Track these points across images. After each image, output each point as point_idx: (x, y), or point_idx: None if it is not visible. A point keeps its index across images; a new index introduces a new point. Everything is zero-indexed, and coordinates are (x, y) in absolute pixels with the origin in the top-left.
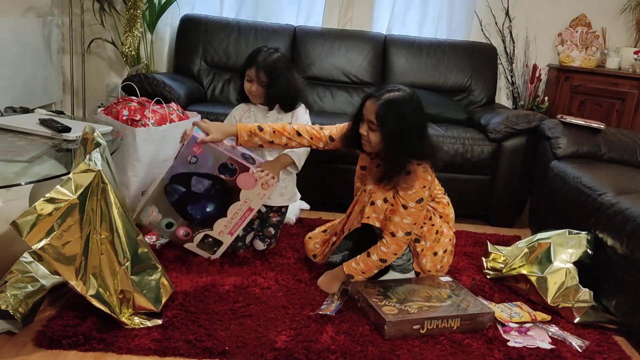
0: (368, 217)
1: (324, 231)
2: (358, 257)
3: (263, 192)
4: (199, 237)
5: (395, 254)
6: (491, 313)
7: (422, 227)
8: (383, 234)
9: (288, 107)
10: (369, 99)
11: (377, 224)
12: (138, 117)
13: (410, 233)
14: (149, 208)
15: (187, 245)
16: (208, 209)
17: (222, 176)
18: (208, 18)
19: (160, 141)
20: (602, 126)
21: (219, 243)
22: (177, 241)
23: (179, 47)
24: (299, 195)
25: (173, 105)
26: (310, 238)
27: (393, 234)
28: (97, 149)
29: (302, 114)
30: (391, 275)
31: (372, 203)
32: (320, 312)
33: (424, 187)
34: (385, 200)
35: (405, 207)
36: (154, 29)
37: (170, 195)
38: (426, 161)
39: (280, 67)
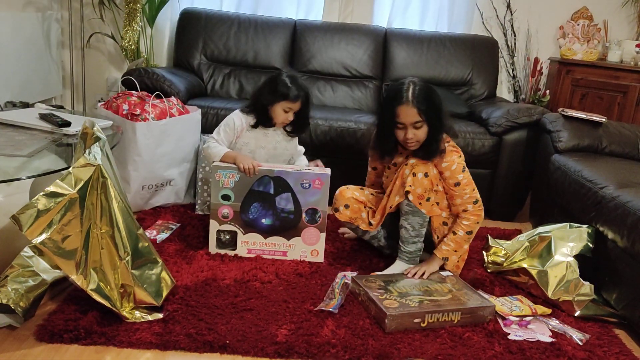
0: (411, 186)
1: (362, 188)
2: (445, 239)
3: (307, 254)
4: (227, 227)
5: (478, 222)
6: (492, 307)
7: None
8: (459, 213)
9: (299, 131)
10: (400, 106)
11: (411, 197)
12: (138, 111)
13: (477, 201)
14: (235, 172)
15: (212, 223)
16: (263, 221)
17: (304, 215)
18: (208, 12)
19: (160, 135)
20: (604, 119)
21: (231, 247)
22: (213, 213)
23: (178, 41)
24: None
25: (173, 99)
26: (348, 188)
27: (465, 210)
28: (97, 143)
29: (300, 147)
30: (397, 265)
31: (414, 175)
32: (323, 308)
33: (460, 156)
34: (426, 175)
35: (457, 184)
36: (154, 23)
37: (259, 184)
38: (450, 132)
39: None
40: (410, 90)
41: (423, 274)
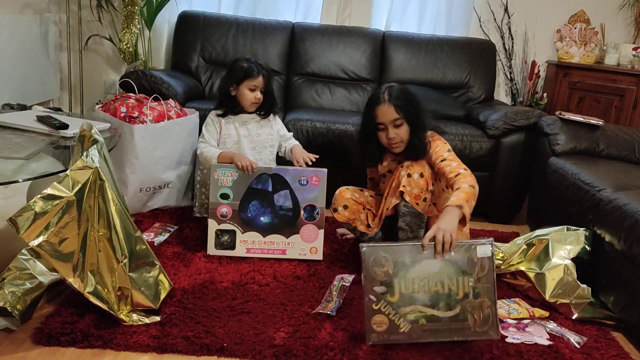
0: (404, 186)
1: (361, 189)
2: (453, 195)
3: (306, 252)
4: (226, 226)
5: (474, 187)
6: (494, 340)
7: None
8: (452, 178)
9: (270, 110)
10: (378, 106)
11: (407, 198)
12: (136, 114)
13: (467, 169)
14: (233, 171)
15: (211, 222)
16: (262, 219)
17: (303, 212)
18: (206, 14)
19: (158, 138)
20: (601, 122)
21: (230, 248)
22: (211, 212)
23: (176, 44)
24: None
25: (171, 102)
26: (347, 189)
27: (459, 174)
28: (95, 145)
29: (280, 121)
30: None
31: (409, 175)
32: (320, 311)
33: (445, 142)
34: (421, 175)
35: (444, 160)
36: (152, 25)
37: (258, 182)
38: (438, 131)
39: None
40: (387, 92)
41: (450, 242)
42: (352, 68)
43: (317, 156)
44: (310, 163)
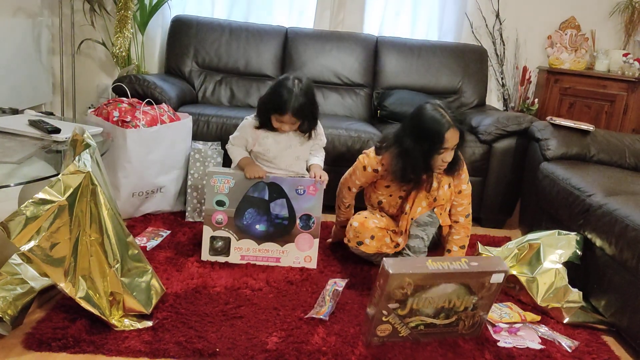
0: (440, 199)
1: (372, 213)
2: (454, 244)
3: (301, 260)
4: (221, 233)
5: (467, 236)
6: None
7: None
8: (453, 224)
9: (307, 130)
10: (447, 131)
11: (436, 209)
12: (129, 118)
13: (469, 215)
14: (229, 178)
15: (206, 228)
16: (257, 227)
17: (298, 221)
18: (199, 19)
19: (151, 142)
20: (591, 128)
21: (224, 254)
22: (206, 218)
23: (170, 48)
24: None
25: (164, 106)
26: (366, 218)
27: (457, 222)
28: (87, 150)
29: (321, 132)
30: None
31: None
32: (313, 316)
33: (465, 167)
34: (449, 186)
35: (460, 192)
36: (145, 29)
37: (255, 189)
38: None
39: (308, 103)
40: (448, 115)
41: None
42: (345, 73)
43: (327, 180)
44: (320, 180)
